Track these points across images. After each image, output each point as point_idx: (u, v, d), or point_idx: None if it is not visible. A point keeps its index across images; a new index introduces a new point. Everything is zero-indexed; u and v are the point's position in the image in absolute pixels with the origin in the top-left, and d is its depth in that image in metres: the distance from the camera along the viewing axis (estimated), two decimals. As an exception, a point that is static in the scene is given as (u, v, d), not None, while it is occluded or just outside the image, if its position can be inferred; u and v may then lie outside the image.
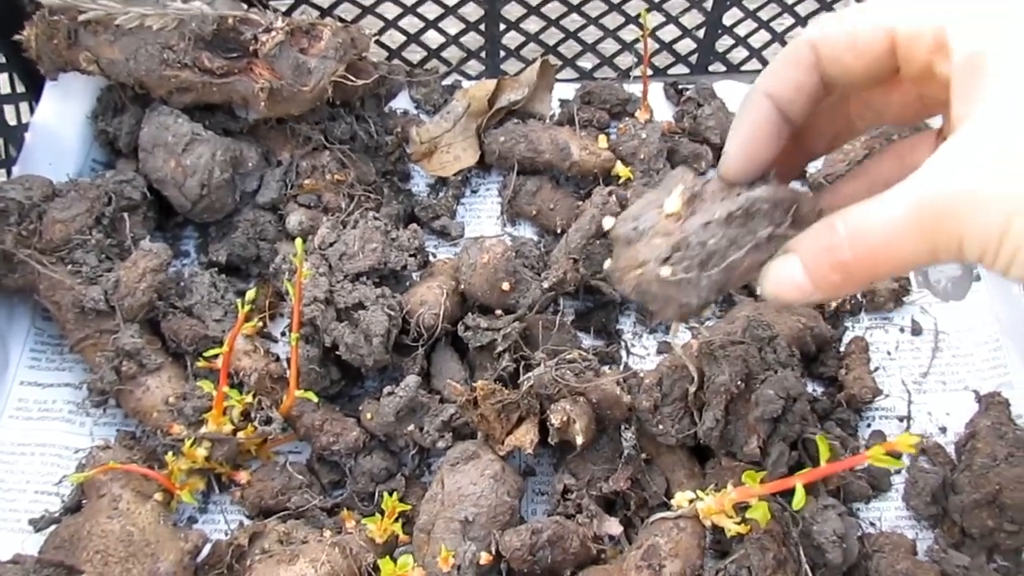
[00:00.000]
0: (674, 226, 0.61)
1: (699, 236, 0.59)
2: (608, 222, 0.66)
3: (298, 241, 0.77)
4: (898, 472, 0.94)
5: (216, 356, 0.84)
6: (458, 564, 0.76)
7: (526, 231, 1.08)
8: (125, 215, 0.96)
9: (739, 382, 0.84)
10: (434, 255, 1.03)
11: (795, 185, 0.67)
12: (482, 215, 1.10)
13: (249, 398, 0.87)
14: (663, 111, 1.17)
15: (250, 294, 0.77)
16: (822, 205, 0.60)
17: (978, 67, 0.49)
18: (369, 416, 0.87)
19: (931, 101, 0.61)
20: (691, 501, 0.79)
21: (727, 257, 0.59)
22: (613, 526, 0.83)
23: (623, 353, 1.00)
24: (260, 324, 0.94)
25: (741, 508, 0.78)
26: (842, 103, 0.66)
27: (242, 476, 0.88)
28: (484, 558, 0.76)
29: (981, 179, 0.47)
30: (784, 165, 0.64)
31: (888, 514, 0.92)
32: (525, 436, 0.81)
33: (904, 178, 0.50)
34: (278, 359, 0.92)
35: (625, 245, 0.64)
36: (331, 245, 0.91)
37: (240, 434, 0.87)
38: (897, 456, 0.62)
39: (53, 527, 0.83)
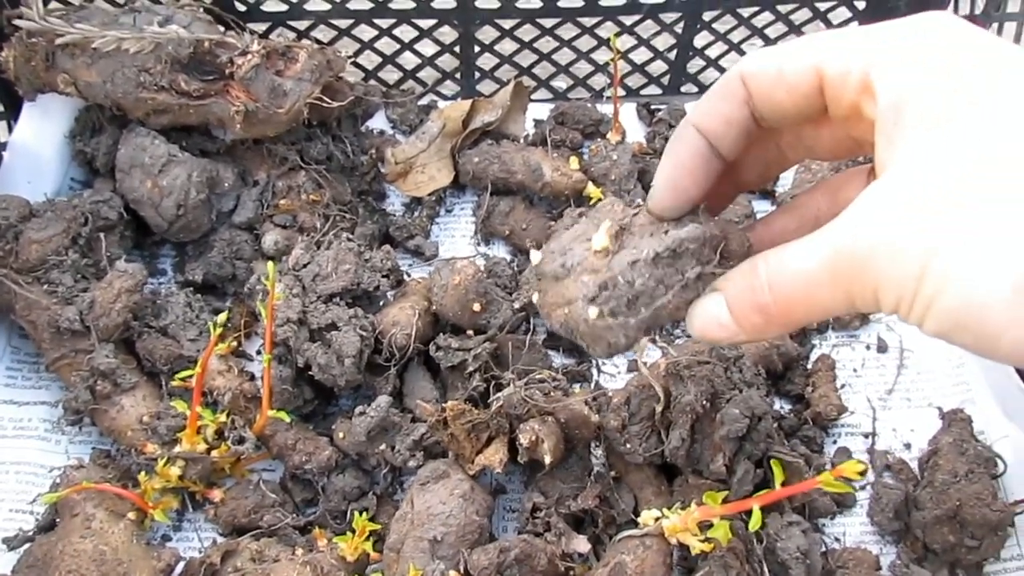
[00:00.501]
0: (601, 263, 0.60)
1: (626, 276, 0.59)
2: (535, 256, 0.66)
3: (270, 264, 0.78)
4: (863, 488, 0.96)
5: (190, 376, 0.85)
6: (426, 583, 0.77)
7: (500, 250, 1.10)
8: (101, 235, 0.97)
9: (704, 401, 0.85)
10: (408, 274, 1.04)
11: (733, 214, 0.67)
12: (456, 235, 1.11)
13: (223, 417, 0.88)
14: (636, 132, 1.19)
15: (222, 317, 0.79)
16: (753, 239, 0.61)
17: (900, 114, 0.49)
18: (341, 435, 0.88)
19: (861, 141, 0.59)
20: (657, 519, 0.81)
21: (655, 298, 0.59)
22: (581, 544, 0.84)
23: (594, 371, 1.02)
24: (235, 343, 0.95)
25: (705, 526, 0.79)
26: (773, 136, 0.64)
27: (216, 494, 0.89)
28: (453, 576, 0.78)
29: (894, 229, 0.46)
30: (715, 196, 0.64)
31: (852, 529, 0.94)
32: (495, 455, 0.83)
33: (834, 215, 0.50)
34: (253, 378, 0.94)
35: (552, 281, 0.63)
36: (305, 266, 0.92)
37: (214, 453, 0.87)
38: (847, 482, 0.64)
39: (27, 546, 0.84)
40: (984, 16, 1.06)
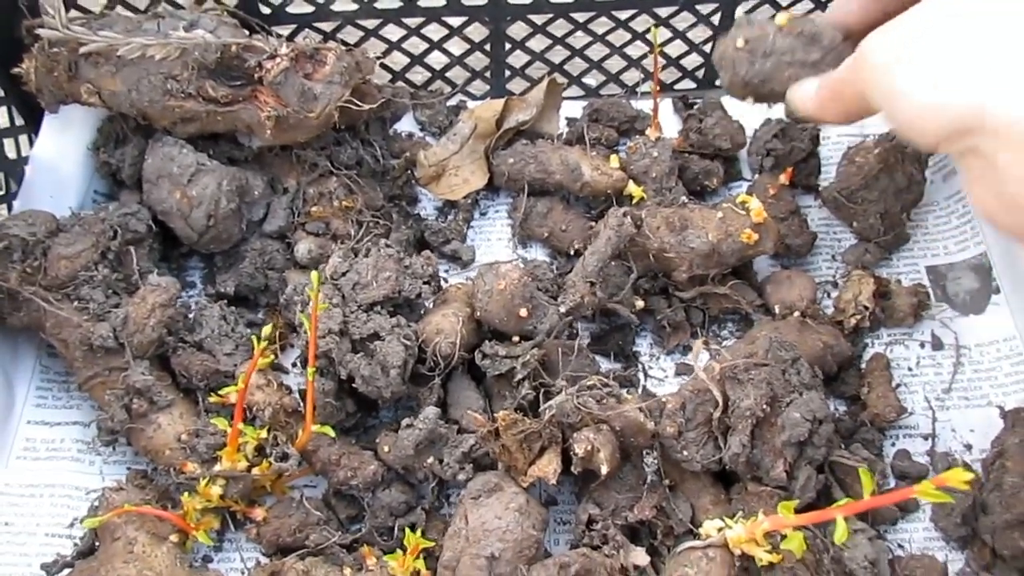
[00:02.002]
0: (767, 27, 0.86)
1: (775, 35, 0.85)
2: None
3: (314, 274, 0.76)
4: (925, 491, 0.92)
5: (229, 392, 0.82)
6: (485, 603, 0.74)
7: (538, 253, 1.07)
8: (131, 248, 0.94)
9: (764, 405, 0.82)
10: (446, 280, 1.01)
11: None
12: (492, 238, 1.08)
13: (264, 433, 0.85)
14: (672, 126, 1.15)
15: (266, 330, 0.76)
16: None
17: None
18: (387, 449, 0.85)
19: None
20: (720, 530, 0.77)
21: (782, 60, 0.85)
22: (640, 556, 0.81)
23: (641, 376, 0.98)
24: (272, 357, 0.92)
25: (771, 536, 0.76)
26: None
27: (258, 513, 0.86)
28: (512, 595, 0.74)
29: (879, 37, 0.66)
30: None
31: (916, 535, 0.90)
32: (548, 466, 0.79)
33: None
34: (291, 392, 0.91)
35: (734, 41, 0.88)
36: (344, 275, 0.89)
37: (255, 470, 0.85)
38: (948, 491, 0.60)
39: (66, 572, 0.82)
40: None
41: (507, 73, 1.16)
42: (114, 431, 0.87)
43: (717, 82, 1.18)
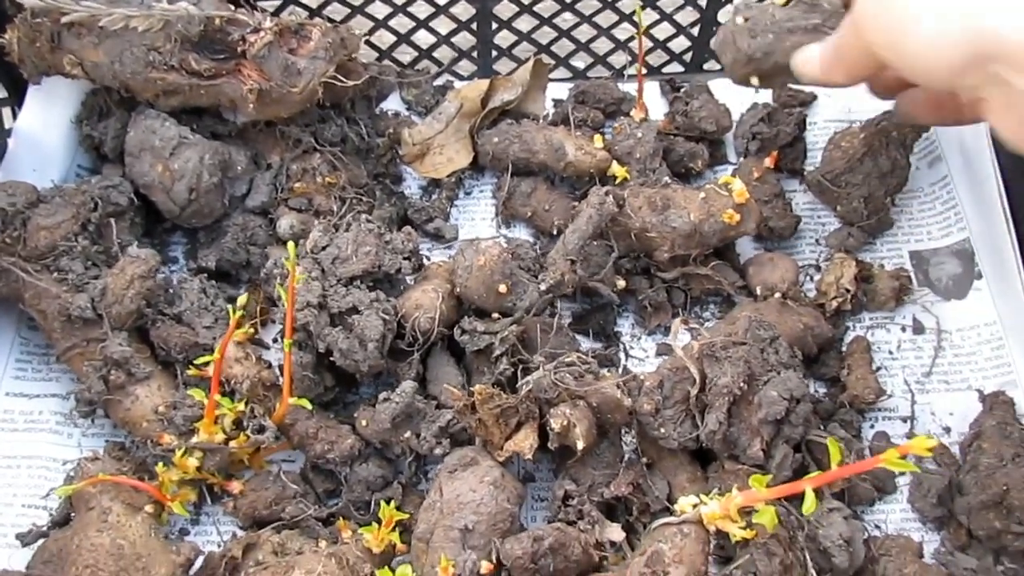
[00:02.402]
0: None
1: (773, 10, 0.87)
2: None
3: (290, 244, 0.75)
4: (903, 474, 0.92)
5: (207, 364, 0.82)
6: (458, 573, 0.74)
7: (521, 233, 1.07)
8: (112, 221, 0.93)
9: (742, 383, 0.82)
10: (428, 258, 1.01)
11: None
12: (476, 217, 1.08)
13: (241, 406, 0.85)
14: (659, 110, 1.15)
15: (242, 299, 0.76)
16: None
17: None
18: (364, 423, 0.85)
19: None
20: (695, 506, 0.77)
21: (783, 28, 0.86)
22: (615, 533, 0.81)
23: (622, 355, 0.98)
24: (252, 331, 0.92)
25: (746, 512, 0.76)
26: None
27: (235, 486, 0.86)
28: (485, 567, 0.74)
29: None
30: None
31: (893, 516, 0.91)
32: (524, 441, 0.79)
33: None
34: (270, 366, 0.90)
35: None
36: (323, 249, 0.89)
37: (232, 443, 0.84)
38: (912, 460, 0.60)
39: (41, 541, 0.81)
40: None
41: (494, 53, 1.15)
42: (92, 402, 0.87)
43: (705, 66, 1.19)
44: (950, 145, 1.07)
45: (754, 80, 0.99)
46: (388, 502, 0.82)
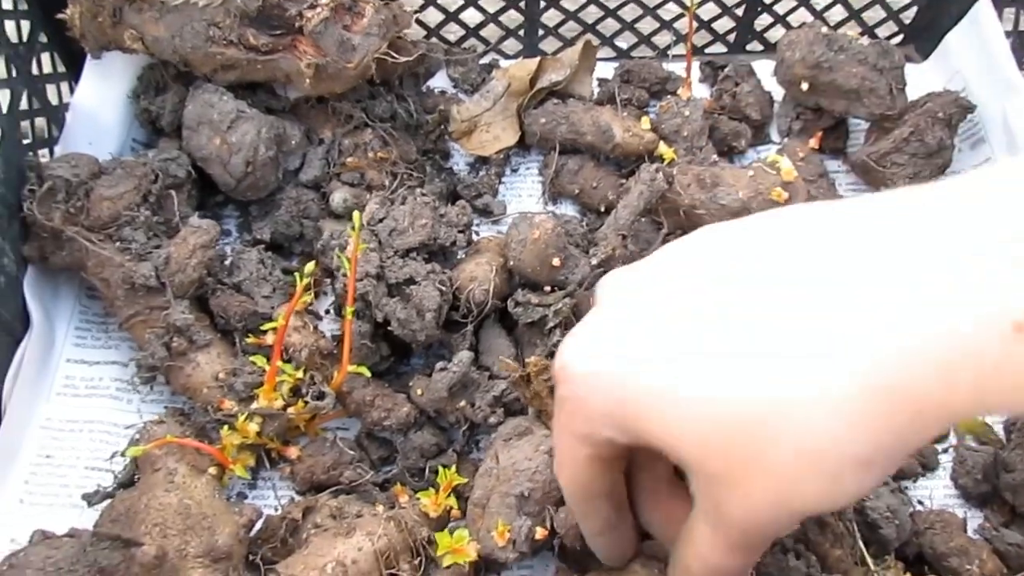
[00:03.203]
0: None
1: (854, 37, 1.01)
2: None
3: (356, 214, 0.77)
4: (945, 451, 0.94)
5: (267, 332, 0.84)
6: (513, 539, 0.76)
7: (568, 209, 1.08)
8: (172, 193, 0.95)
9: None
10: (477, 233, 1.03)
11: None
12: (523, 194, 1.09)
13: (300, 373, 0.87)
14: (700, 91, 1.16)
15: (309, 267, 0.77)
16: None
17: None
18: (420, 392, 0.87)
19: None
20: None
21: (855, 56, 1.01)
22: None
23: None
24: (309, 301, 0.94)
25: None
26: None
27: (292, 452, 0.88)
28: (539, 533, 0.76)
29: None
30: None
31: (936, 492, 0.92)
32: (581, 410, 0.81)
33: None
34: (326, 336, 0.92)
35: None
36: (380, 221, 0.90)
37: (291, 409, 0.86)
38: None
39: (107, 502, 0.84)
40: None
41: (540, 32, 1.17)
42: (153, 368, 0.89)
43: (748, 47, 1.20)
44: (993, 126, 1.08)
45: (804, 86, 1.03)
46: (446, 467, 0.84)
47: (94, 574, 0.77)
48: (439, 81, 1.16)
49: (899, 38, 1.22)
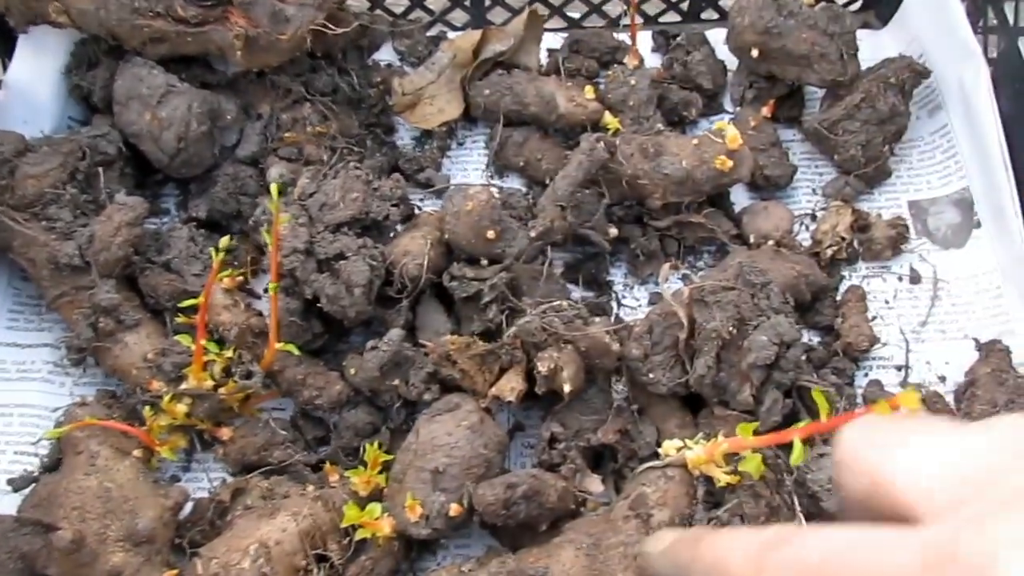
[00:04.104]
0: None
1: (802, 6, 0.98)
2: None
3: (273, 187, 0.75)
4: (896, 422, 0.92)
5: (193, 309, 0.82)
6: (427, 514, 0.75)
7: (514, 183, 1.06)
8: (100, 170, 0.93)
9: (731, 328, 0.81)
10: (420, 208, 1.00)
11: None
12: (469, 167, 1.07)
13: (230, 353, 0.85)
14: (653, 61, 1.13)
15: (224, 242, 0.75)
16: None
17: None
18: (353, 371, 0.85)
19: None
20: (679, 449, 0.77)
21: (805, 22, 0.98)
22: (595, 484, 0.81)
23: (614, 304, 0.98)
24: (241, 279, 0.91)
25: (732, 458, 0.75)
26: None
27: (224, 433, 0.86)
28: (454, 509, 0.75)
29: None
30: None
31: (886, 464, 0.90)
32: (507, 386, 0.79)
33: None
34: (260, 314, 0.90)
35: None
36: (311, 195, 0.88)
37: (221, 390, 0.85)
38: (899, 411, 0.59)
39: (32, 486, 0.82)
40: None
41: (487, 2, 1.14)
42: (82, 350, 0.87)
43: (702, 15, 1.17)
44: (950, 92, 1.06)
45: (754, 52, 1.00)
46: (377, 447, 0.82)
47: (15, 560, 0.75)
48: (385, 54, 1.13)
49: (858, 3, 1.19)
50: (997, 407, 0.86)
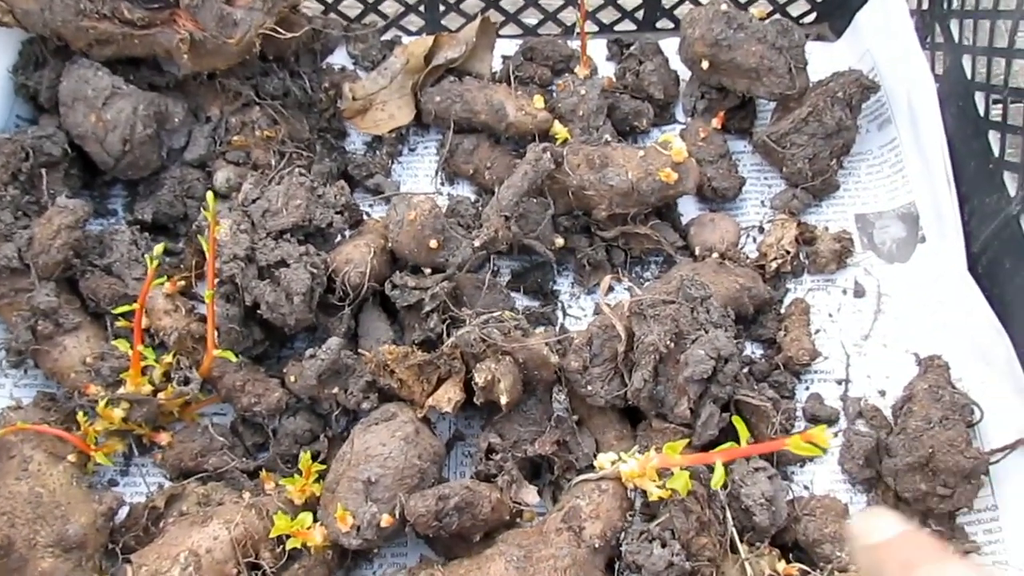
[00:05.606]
0: None
1: (752, 19, 1.01)
2: None
3: (210, 194, 0.75)
4: (835, 435, 0.93)
5: (132, 313, 0.81)
6: (358, 524, 0.75)
7: (465, 190, 1.06)
8: (43, 171, 0.92)
9: (668, 341, 0.82)
10: (369, 214, 1.00)
11: None
12: (420, 174, 1.07)
13: (169, 358, 0.85)
14: (608, 70, 1.14)
15: (159, 248, 0.75)
16: None
17: None
18: (292, 378, 0.85)
19: None
20: (613, 462, 0.78)
21: (755, 35, 1.00)
22: (531, 495, 0.81)
23: (559, 314, 0.98)
24: (184, 283, 0.91)
25: (665, 472, 0.76)
26: None
27: (163, 438, 0.86)
28: (385, 520, 0.75)
29: None
30: None
31: (823, 477, 0.91)
32: (443, 396, 0.79)
33: None
34: (202, 319, 0.90)
35: None
36: (254, 201, 0.88)
37: (160, 395, 0.84)
38: (816, 446, 0.60)
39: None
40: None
41: (441, 8, 1.14)
42: (20, 352, 0.86)
43: (657, 24, 1.18)
44: (899, 107, 1.06)
45: (704, 64, 1.01)
46: (315, 456, 0.82)
47: (-55, 565, 0.75)
48: (339, 58, 1.13)
49: (812, 16, 1.19)
50: (932, 423, 0.87)
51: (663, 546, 0.75)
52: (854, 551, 0.51)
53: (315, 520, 0.78)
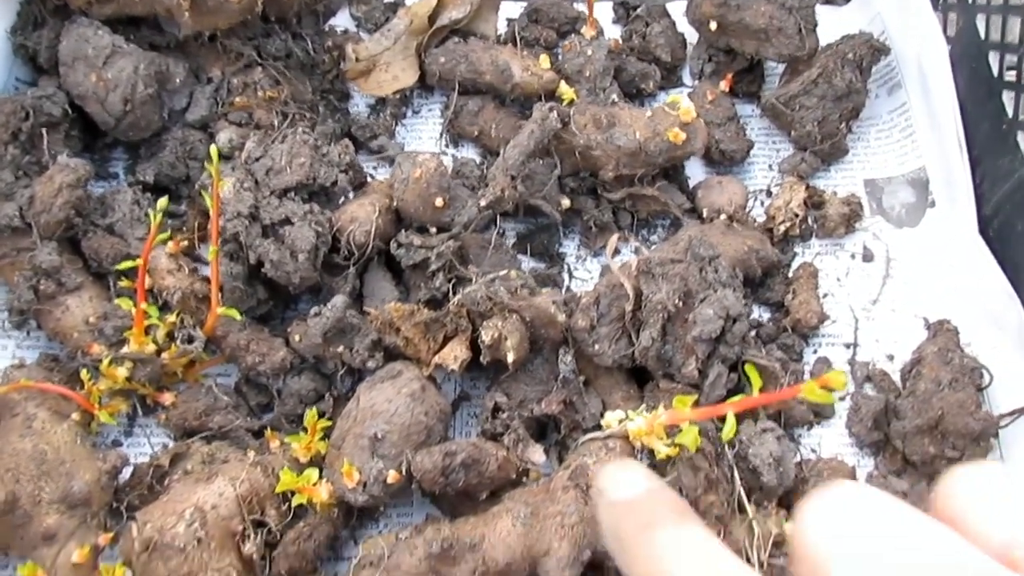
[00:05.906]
0: None
1: None
2: None
3: (213, 149, 0.74)
4: (843, 399, 0.92)
5: (134, 271, 0.81)
6: (364, 481, 0.74)
7: (469, 152, 1.05)
8: (43, 131, 0.91)
9: (677, 300, 0.81)
10: (373, 176, 0.99)
11: None
12: (424, 136, 1.06)
13: (172, 317, 0.84)
14: (614, 33, 1.12)
15: (162, 203, 0.74)
16: None
17: None
18: (297, 337, 0.84)
19: None
20: (621, 421, 0.77)
21: None
22: (537, 453, 0.81)
23: (565, 276, 0.97)
24: (187, 243, 0.90)
25: (673, 430, 0.75)
26: None
27: (167, 398, 0.86)
28: (392, 476, 0.74)
29: None
30: None
31: (830, 441, 0.90)
32: (450, 354, 0.79)
33: None
34: (205, 279, 0.89)
35: None
36: (257, 160, 0.87)
37: (164, 354, 0.84)
38: (830, 391, 0.59)
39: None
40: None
41: (447, -31, 1.12)
42: (23, 312, 0.86)
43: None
44: (909, 71, 1.05)
45: (712, 25, 1.00)
46: (321, 415, 0.82)
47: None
48: (342, 19, 1.11)
49: (822, -21, 1.18)
50: (941, 386, 0.86)
51: (670, 504, 0.74)
52: (597, 507, 0.46)
53: (321, 478, 0.78)
